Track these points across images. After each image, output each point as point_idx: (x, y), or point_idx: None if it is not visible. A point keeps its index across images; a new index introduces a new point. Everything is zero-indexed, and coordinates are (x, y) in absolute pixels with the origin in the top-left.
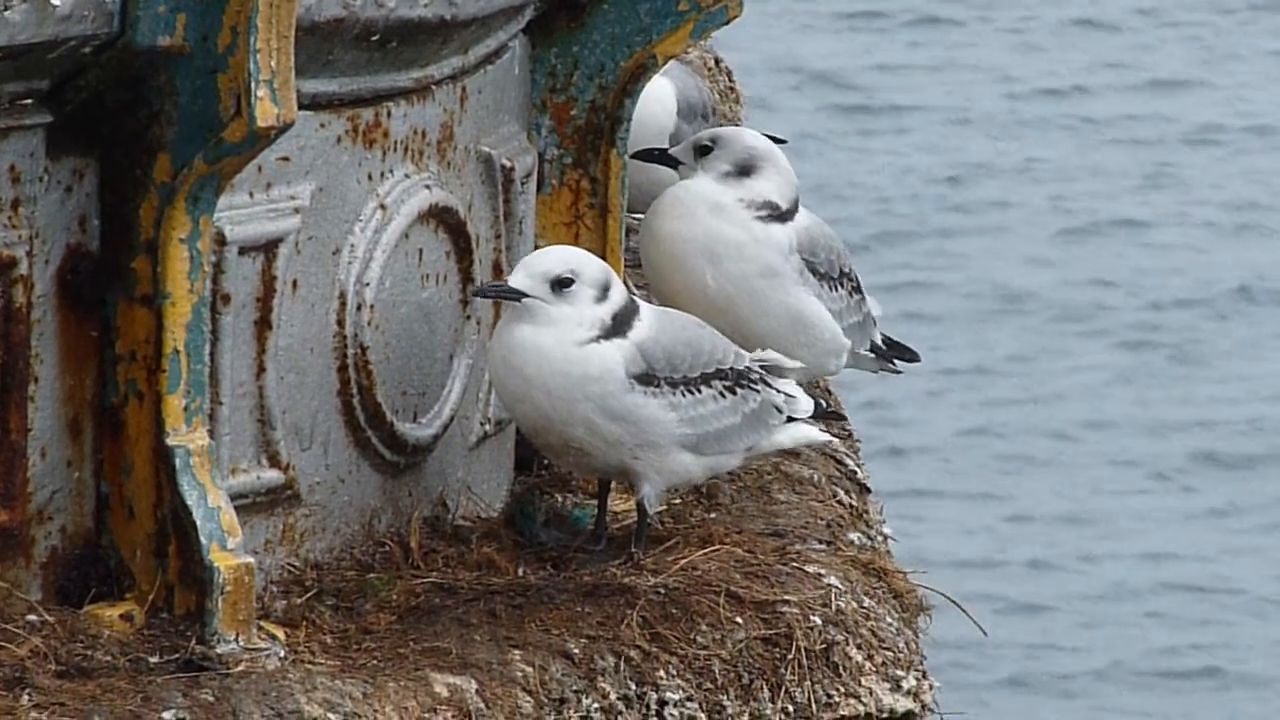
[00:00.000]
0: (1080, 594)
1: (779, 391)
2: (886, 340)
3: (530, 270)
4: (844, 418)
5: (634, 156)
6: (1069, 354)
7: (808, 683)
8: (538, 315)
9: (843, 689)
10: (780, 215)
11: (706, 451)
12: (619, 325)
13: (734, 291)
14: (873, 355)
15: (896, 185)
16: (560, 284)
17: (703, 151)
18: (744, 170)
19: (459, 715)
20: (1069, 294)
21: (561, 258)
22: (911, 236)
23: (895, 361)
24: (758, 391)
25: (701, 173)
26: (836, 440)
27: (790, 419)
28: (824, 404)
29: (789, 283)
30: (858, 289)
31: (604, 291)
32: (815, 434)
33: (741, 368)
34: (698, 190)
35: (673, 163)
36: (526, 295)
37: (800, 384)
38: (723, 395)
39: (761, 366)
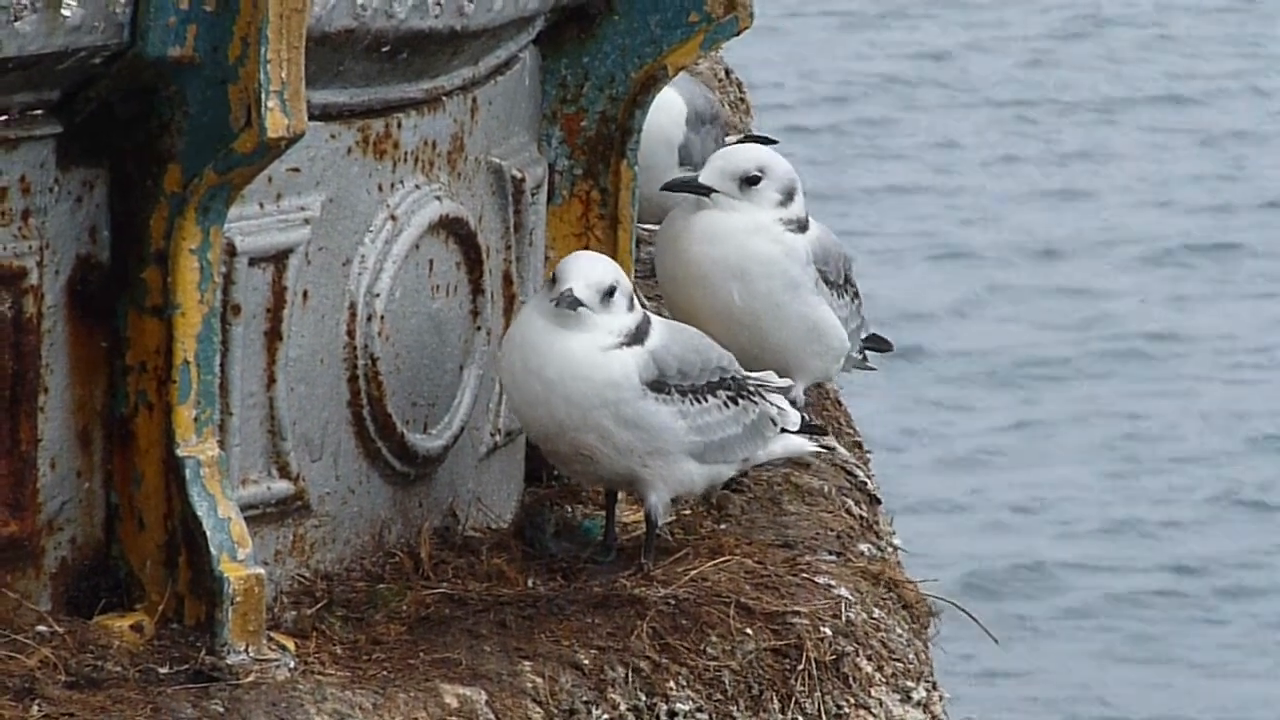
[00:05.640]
0: None
1: (773, 405)
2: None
3: (589, 280)
4: (826, 431)
5: (665, 188)
6: None
7: (818, 694)
8: (584, 322)
9: (853, 700)
10: (801, 227)
11: (709, 460)
12: (640, 334)
13: (760, 307)
14: (860, 356)
15: None
16: (609, 293)
17: (751, 181)
18: (790, 195)
19: None
20: None
21: (606, 267)
22: None
23: (867, 357)
24: (756, 403)
25: (750, 204)
26: (824, 450)
27: (783, 430)
28: (807, 417)
29: (807, 293)
30: (856, 295)
31: (631, 301)
32: (805, 444)
33: (740, 377)
34: (741, 221)
35: (705, 191)
36: (583, 305)
37: (807, 387)
38: (726, 405)
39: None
